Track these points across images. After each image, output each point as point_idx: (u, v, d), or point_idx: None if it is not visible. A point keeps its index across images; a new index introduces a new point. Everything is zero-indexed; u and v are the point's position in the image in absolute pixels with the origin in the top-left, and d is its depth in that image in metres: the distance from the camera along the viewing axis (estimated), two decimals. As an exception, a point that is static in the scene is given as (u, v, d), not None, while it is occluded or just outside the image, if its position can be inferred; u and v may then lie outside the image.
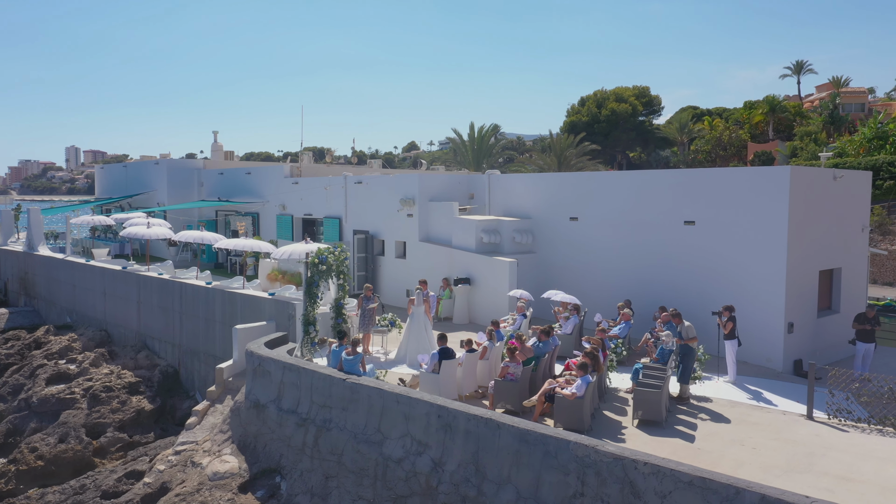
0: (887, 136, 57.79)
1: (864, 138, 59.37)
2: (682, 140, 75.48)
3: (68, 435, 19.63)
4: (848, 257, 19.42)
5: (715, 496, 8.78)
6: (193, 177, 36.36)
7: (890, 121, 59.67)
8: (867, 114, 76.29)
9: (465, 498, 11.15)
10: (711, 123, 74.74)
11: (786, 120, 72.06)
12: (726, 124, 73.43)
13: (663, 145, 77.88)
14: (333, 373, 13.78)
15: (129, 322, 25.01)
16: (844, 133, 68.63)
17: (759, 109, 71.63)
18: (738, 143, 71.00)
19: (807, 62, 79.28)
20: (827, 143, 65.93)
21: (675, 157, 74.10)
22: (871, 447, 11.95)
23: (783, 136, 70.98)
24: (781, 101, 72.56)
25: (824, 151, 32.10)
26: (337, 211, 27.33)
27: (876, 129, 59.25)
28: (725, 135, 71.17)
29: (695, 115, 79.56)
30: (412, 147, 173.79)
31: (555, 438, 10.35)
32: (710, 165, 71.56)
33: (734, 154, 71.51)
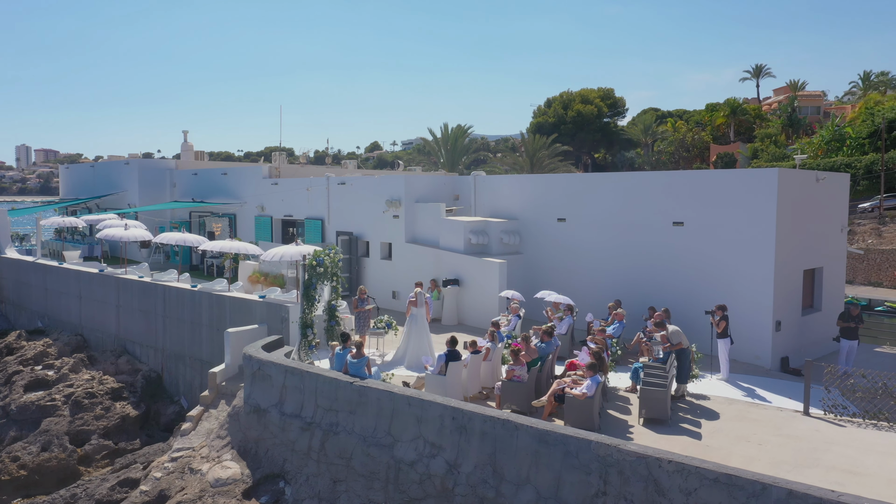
0: (844, 138, 59.66)
1: (823, 140, 61.22)
2: (647, 141, 76.78)
3: (51, 443, 19.11)
4: (828, 257, 20.02)
5: (741, 492, 8.98)
6: (165, 177, 35.69)
7: (846, 124, 61.58)
8: (823, 116, 78.69)
9: (483, 499, 11.19)
10: (674, 125, 76.19)
11: (746, 122, 73.84)
12: (689, 126, 74.92)
13: (628, 146, 79.11)
14: (340, 376, 13.68)
15: (107, 326, 24.43)
16: (802, 135, 70.65)
17: (721, 112, 73.26)
18: (700, 145, 72.53)
19: (765, 66, 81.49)
20: (786, 144, 67.78)
21: (640, 159, 75.31)
22: (871, 441, 12.35)
23: (744, 138, 72.72)
24: (742, 104, 74.30)
25: (798, 154, 32.98)
26: (319, 212, 27.11)
27: (833, 132, 61.15)
28: (689, 136, 72.62)
29: (658, 116, 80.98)
30: (375, 147, 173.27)
31: (575, 438, 10.46)
32: (674, 166, 72.97)
33: (697, 155, 73.03)
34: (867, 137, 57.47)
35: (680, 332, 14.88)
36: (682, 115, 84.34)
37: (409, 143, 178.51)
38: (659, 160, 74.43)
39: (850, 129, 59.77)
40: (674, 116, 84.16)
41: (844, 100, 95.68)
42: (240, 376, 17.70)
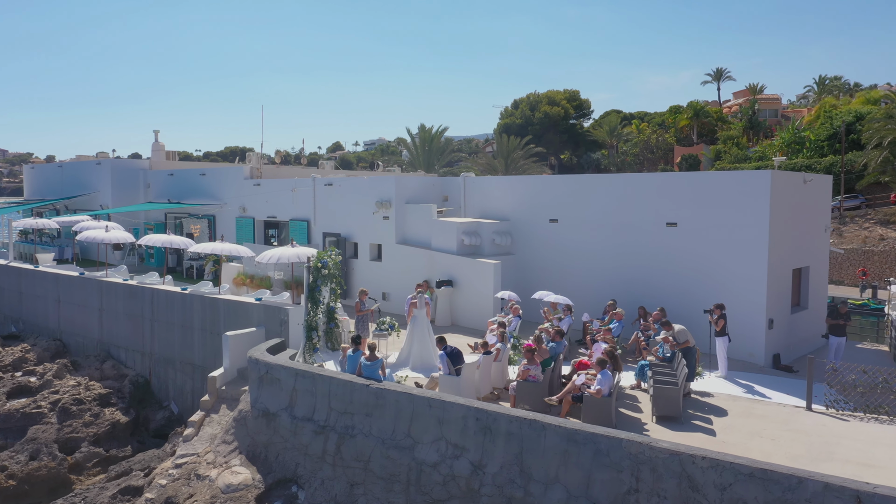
0: (804, 140, 61.43)
1: (783, 142, 62.92)
2: (612, 143, 77.87)
3: (40, 451, 18.56)
4: (814, 256, 20.63)
5: (776, 486, 9.23)
6: (139, 177, 34.92)
7: (805, 127, 63.41)
8: (781, 119, 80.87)
9: (511, 499, 11.26)
10: (639, 127, 77.45)
11: (708, 124, 75.46)
12: (653, 128, 76.25)
13: (594, 148, 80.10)
14: (355, 378, 13.60)
15: (88, 331, 23.81)
16: (762, 137, 72.53)
17: (685, 114, 74.71)
18: (664, 147, 73.88)
19: (726, 69, 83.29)
20: (748, 146, 69.48)
21: (606, 160, 76.34)
22: (877, 435, 12.78)
23: (707, 140, 74.30)
24: (704, 107, 75.93)
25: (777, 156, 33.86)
26: (305, 213, 26.86)
27: (793, 134, 62.90)
28: (653, 138, 73.90)
29: (623, 118, 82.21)
30: (337, 147, 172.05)
31: (606, 437, 10.61)
32: (639, 168, 74.19)
33: (661, 157, 74.38)
34: (826, 140, 59.28)
35: (686, 331, 15.20)
36: (644, 117, 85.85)
37: (371, 144, 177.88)
38: (624, 161, 75.55)
39: (810, 132, 61.58)
40: (636, 118, 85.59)
41: (798, 103, 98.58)
42: (239, 380, 17.48)
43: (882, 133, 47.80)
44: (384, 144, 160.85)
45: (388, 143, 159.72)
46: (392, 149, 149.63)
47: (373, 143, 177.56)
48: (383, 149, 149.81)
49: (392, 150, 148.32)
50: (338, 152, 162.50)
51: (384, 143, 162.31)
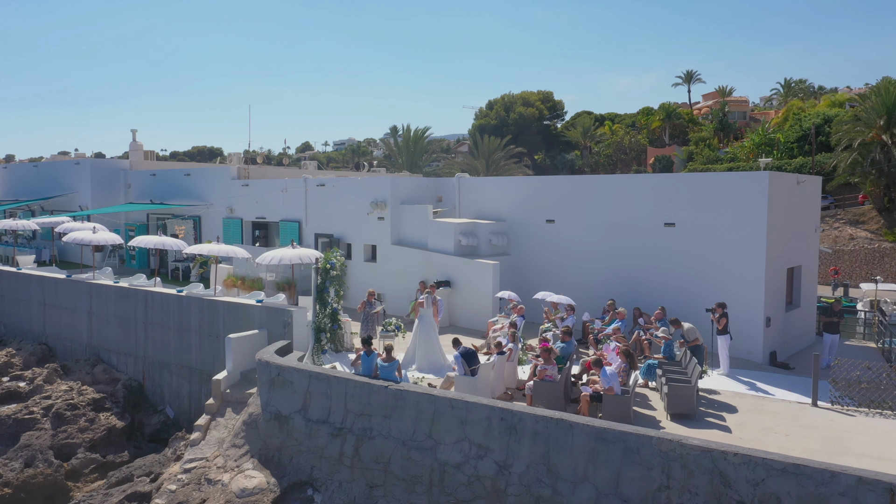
0: (774, 142, 62.75)
1: (753, 144, 64.20)
2: (586, 144, 78.61)
3: (35, 458, 18.15)
4: (805, 256, 21.11)
5: (810, 481, 9.45)
6: (119, 178, 34.28)
7: (775, 129, 64.78)
8: (748, 121, 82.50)
9: (539, 498, 11.34)
10: (612, 128, 78.32)
11: (680, 126, 76.61)
12: (626, 129, 77.18)
13: (567, 149, 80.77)
14: (372, 380, 13.55)
15: (77, 334, 23.30)
16: (732, 139, 73.90)
17: (657, 116, 75.76)
18: (637, 148, 74.82)
19: (696, 72, 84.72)
20: (719, 148, 70.73)
21: (580, 161, 77.06)
22: (885, 429, 13.14)
23: (678, 142, 75.44)
24: (676, 108, 77.08)
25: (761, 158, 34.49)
26: (296, 214, 26.65)
27: (763, 136, 64.21)
28: (626, 140, 74.79)
29: (595, 119, 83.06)
30: (307, 147, 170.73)
31: (635, 435, 10.75)
32: (612, 168, 75.02)
33: (634, 158, 75.30)
34: (795, 142, 60.66)
35: (695, 329, 15.45)
36: (614, 119, 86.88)
37: (340, 144, 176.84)
38: (597, 162, 76.33)
39: (780, 133, 62.94)
40: (607, 119, 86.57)
41: (762, 105, 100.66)
42: (243, 383, 17.30)
43: (851, 135, 49.03)
44: (355, 145, 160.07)
45: (358, 144, 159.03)
46: (363, 149, 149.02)
47: (343, 143, 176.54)
48: (354, 149, 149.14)
49: (363, 150, 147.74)
50: (307, 152, 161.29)
51: (354, 144, 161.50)
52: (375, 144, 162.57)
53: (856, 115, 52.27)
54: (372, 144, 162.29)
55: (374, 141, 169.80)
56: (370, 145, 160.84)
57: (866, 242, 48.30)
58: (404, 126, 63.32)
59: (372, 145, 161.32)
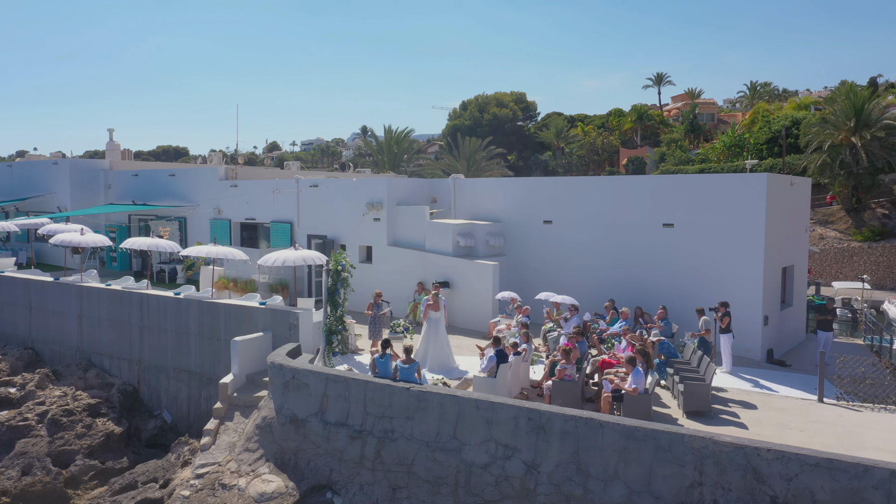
0: (744, 144, 64.03)
1: (724, 145, 65.43)
2: (559, 145, 79.26)
3: (32, 466, 17.69)
4: (797, 255, 21.64)
5: (843, 475, 9.72)
6: (99, 178, 33.58)
7: (745, 131, 66.10)
8: (716, 123, 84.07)
9: (570, 497, 11.45)
10: (584, 130, 79.11)
11: (651, 127, 77.73)
12: (598, 131, 78.04)
13: (541, 149, 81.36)
14: (393, 382, 13.53)
15: (66, 339, 22.77)
16: (702, 140, 75.23)
17: (629, 117, 76.75)
18: (610, 149, 75.68)
19: (666, 74, 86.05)
20: (689, 149, 71.94)
21: (553, 162, 77.66)
22: (892, 424, 13.55)
23: (650, 143, 76.52)
24: (647, 110, 78.19)
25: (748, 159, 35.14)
26: (287, 215, 26.42)
27: (734, 138, 65.49)
28: (598, 141, 75.61)
29: (568, 120, 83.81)
30: (274, 147, 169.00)
31: (667, 433, 10.93)
32: (585, 169, 75.78)
33: (606, 159, 76.17)
34: (765, 143, 61.97)
35: (710, 321, 15.80)
36: (583, 120, 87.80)
37: (308, 144, 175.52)
38: (570, 163, 77.02)
39: (749, 135, 64.24)
40: (577, 121, 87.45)
41: (726, 107, 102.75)
42: (249, 386, 17.11)
43: (821, 137, 50.27)
44: (323, 145, 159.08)
45: (327, 144, 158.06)
46: (333, 149, 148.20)
47: (311, 143, 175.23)
48: (323, 149, 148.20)
49: (333, 150, 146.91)
50: (275, 152, 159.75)
51: (323, 144, 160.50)
52: (344, 145, 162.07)
53: (823, 117, 53.63)
54: (341, 145, 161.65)
55: (343, 141, 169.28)
56: (339, 145, 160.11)
57: (836, 242, 49.60)
58: (386, 126, 63.18)
59: (341, 145, 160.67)
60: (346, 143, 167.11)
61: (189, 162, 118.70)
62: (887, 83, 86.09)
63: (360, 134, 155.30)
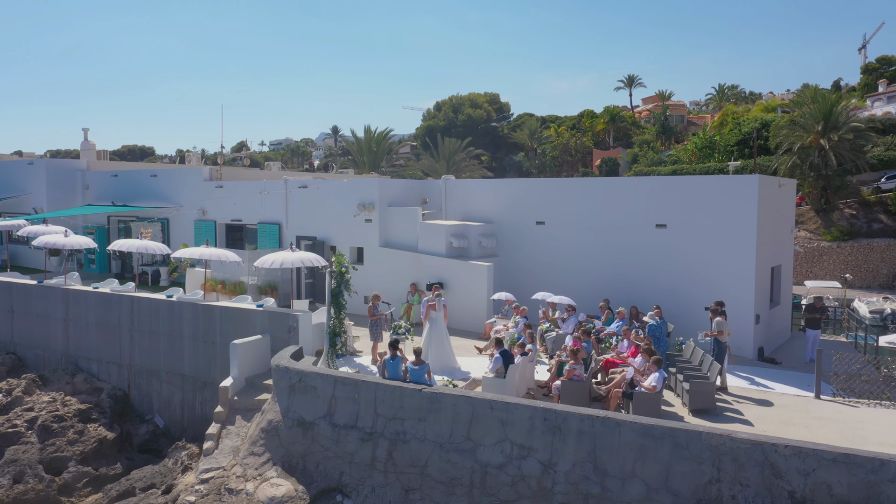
0: (714, 145, 65.16)
1: (696, 147, 66.49)
2: (533, 146, 79.79)
3: (24, 473, 17.31)
4: (784, 255, 22.12)
5: (860, 469, 9.99)
6: (76, 178, 32.89)
7: (716, 133, 67.25)
8: (686, 124, 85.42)
9: (588, 495, 11.57)
10: (558, 131, 79.77)
11: (624, 129, 78.69)
12: (572, 132, 78.77)
13: (514, 150, 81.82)
14: (404, 384, 13.52)
15: (51, 343, 22.27)
16: (673, 142, 76.37)
17: (602, 119, 77.58)
18: (583, 150, 76.44)
19: (637, 76, 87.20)
20: (661, 150, 72.98)
21: (528, 162, 78.16)
22: (891, 419, 13.95)
23: (622, 144, 77.47)
24: (620, 112, 79.15)
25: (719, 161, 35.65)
26: (275, 216, 26.19)
27: (704, 140, 66.59)
28: (572, 142, 76.31)
29: (541, 121, 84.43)
30: (243, 147, 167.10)
31: (684, 431, 11.11)
32: (559, 170, 76.42)
33: (579, 160, 76.91)
34: (735, 145, 63.14)
35: (723, 323, 16.07)
36: (555, 121, 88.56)
37: (277, 144, 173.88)
38: (544, 164, 77.60)
39: (720, 137, 65.40)
40: (548, 122, 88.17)
41: (693, 109, 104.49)
42: (249, 389, 16.95)
43: (791, 139, 51.40)
44: (293, 145, 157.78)
45: (297, 144, 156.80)
46: (302, 149, 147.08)
47: (279, 143, 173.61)
48: (293, 149, 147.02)
49: (302, 150, 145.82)
50: (244, 152, 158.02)
51: (293, 144, 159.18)
52: (314, 145, 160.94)
53: (793, 119, 54.85)
54: (311, 145, 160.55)
55: (312, 141, 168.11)
56: (309, 145, 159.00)
57: (805, 242, 50.74)
58: (366, 127, 62.81)
59: (311, 145, 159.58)
60: (316, 143, 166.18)
61: (156, 161, 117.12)
62: (848, 86, 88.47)
63: (330, 134, 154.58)
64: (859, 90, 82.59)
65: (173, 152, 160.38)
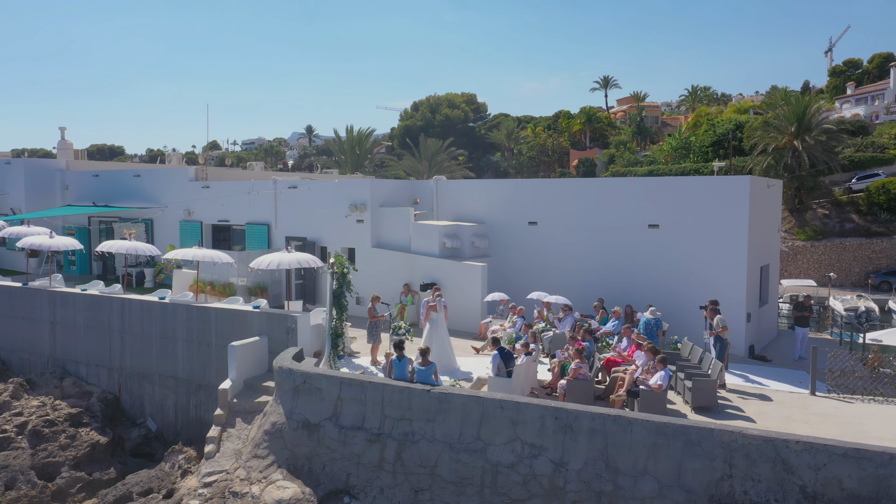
0: (690, 146, 66.05)
1: (671, 147, 67.35)
2: (510, 146, 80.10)
3: (16, 480, 16.96)
4: (772, 255, 22.53)
5: (869, 463, 10.24)
6: (56, 179, 32.28)
7: (691, 133, 68.17)
8: (660, 125, 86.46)
9: (601, 493, 11.69)
10: (535, 131, 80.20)
11: (600, 129, 79.37)
12: (549, 132, 79.24)
13: (492, 150, 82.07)
14: (411, 384, 13.53)
15: (36, 346, 21.84)
16: (649, 143, 77.24)
17: (578, 119, 78.17)
18: (560, 150, 76.95)
19: (612, 78, 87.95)
20: (637, 151, 73.77)
21: (505, 163, 78.46)
22: (888, 414, 14.29)
23: (599, 145, 78.14)
24: (596, 112, 79.83)
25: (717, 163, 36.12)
26: (264, 217, 25.97)
27: (680, 141, 67.47)
28: (549, 142, 76.77)
29: (518, 122, 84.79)
30: (214, 147, 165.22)
31: (696, 428, 11.29)
32: (535, 170, 76.84)
33: (556, 160, 77.42)
34: (710, 146, 64.08)
35: (724, 320, 16.33)
36: (529, 121, 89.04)
37: (249, 144, 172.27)
38: (521, 164, 77.96)
39: (695, 138, 66.32)
40: (523, 122, 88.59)
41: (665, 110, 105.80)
42: (248, 391, 16.81)
43: (766, 140, 52.34)
44: (266, 144, 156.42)
45: (270, 144, 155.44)
46: (276, 149, 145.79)
47: (252, 142, 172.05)
48: (266, 149, 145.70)
49: (276, 150, 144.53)
50: (215, 151, 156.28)
51: (266, 143, 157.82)
52: (287, 144, 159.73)
53: (766, 121, 55.85)
54: (283, 144, 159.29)
55: (285, 141, 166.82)
56: (282, 145, 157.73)
57: (780, 241, 51.68)
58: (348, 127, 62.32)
59: (283, 145, 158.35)
60: (289, 142, 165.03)
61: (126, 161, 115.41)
62: (815, 88, 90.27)
63: (304, 133, 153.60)
64: (828, 92, 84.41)
65: (143, 151, 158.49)
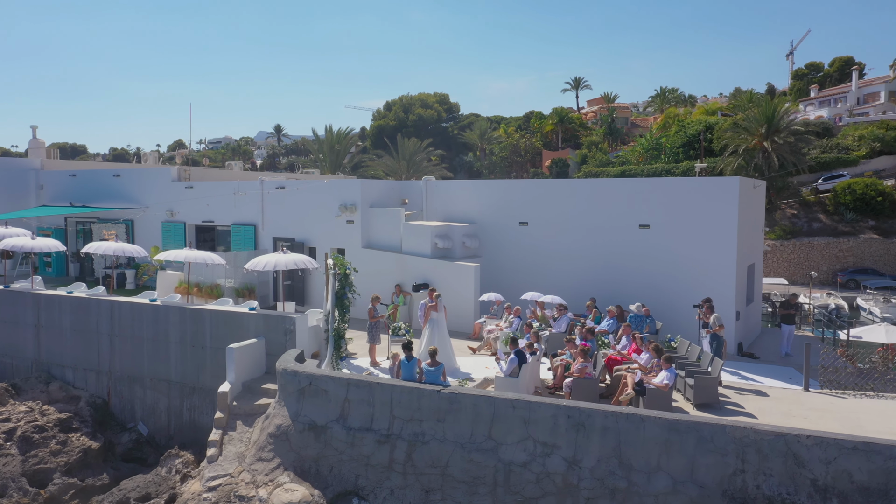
0: (661, 147, 67.04)
1: (643, 149, 68.28)
2: (483, 146, 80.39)
3: (7, 487, 16.58)
4: (757, 254, 23.02)
5: (878, 457, 10.56)
6: (30, 178, 31.51)
7: (662, 135, 69.19)
8: (630, 126, 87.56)
9: (615, 490, 11.86)
10: (507, 132, 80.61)
11: (572, 130, 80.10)
12: (521, 133, 79.72)
13: (464, 150, 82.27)
14: (421, 385, 13.55)
15: (19, 350, 21.33)
16: (620, 143, 78.19)
17: (550, 120, 78.78)
18: (532, 150, 77.46)
19: (583, 79, 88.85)
20: (609, 151, 74.61)
21: (478, 163, 78.71)
22: (882, 408, 14.73)
23: (571, 145, 78.84)
24: (568, 113, 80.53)
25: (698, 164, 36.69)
26: (250, 217, 25.71)
27: (651, 141, 68.42)
28: (521, 143, 77.24)
29: (491, 122, 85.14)
30: (179, 146, 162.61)
31: (708, 425, 11.52)
32: (508, 170, 77.25)
33: (529, 160, 77.92)
34: (681, 147, 65.15)
35: (720, 318, 16.64)
36: (500, 121, 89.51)
37: (216, 143, 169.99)
38: (494, 164, 78.30)
39: (666, 139, 67.35)
40: (494, 122, 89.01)
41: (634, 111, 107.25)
42: (247, 394, 16.66)
43: (736, 142, 53.42)
44: (234, 144, 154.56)
45: (237, 143, 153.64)
46: (244, 148, 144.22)
47: (218, 141, 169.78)
48: (234, 148, 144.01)
49: (244, 149, 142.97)
50: (180, 150, 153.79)
51: (233, 143, 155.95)
52: (254, 143, 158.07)
53: (736, 122, 57.00)
54: (251, 143, 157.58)
55: (252, 140, 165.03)
56: (249, 144, 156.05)
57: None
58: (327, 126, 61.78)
59: (251, 144, 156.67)
60: (256, 141, 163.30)
61: (89, 160, 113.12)
62: (777, 91, 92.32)
63: (272, 133, 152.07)
64: (791, 94, 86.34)
65: (106, 150, 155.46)
